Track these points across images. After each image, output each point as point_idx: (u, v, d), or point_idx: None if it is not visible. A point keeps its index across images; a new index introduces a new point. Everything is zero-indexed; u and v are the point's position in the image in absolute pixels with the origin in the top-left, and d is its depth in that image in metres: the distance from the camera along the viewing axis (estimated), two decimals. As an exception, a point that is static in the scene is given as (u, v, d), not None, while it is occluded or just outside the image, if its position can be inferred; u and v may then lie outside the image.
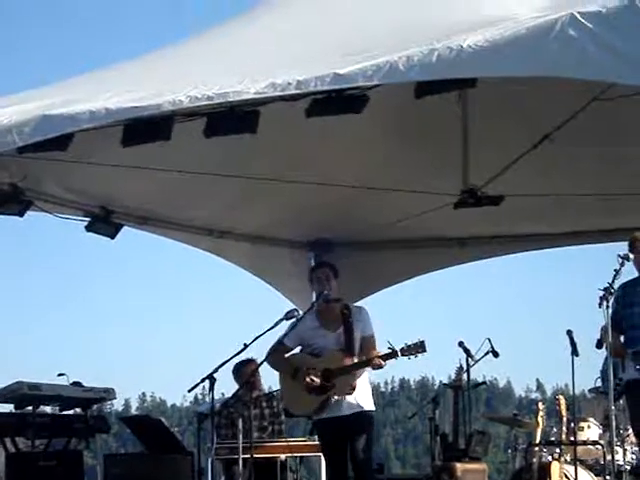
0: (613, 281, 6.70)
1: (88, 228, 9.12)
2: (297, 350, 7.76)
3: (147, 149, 7.01)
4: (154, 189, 8.87)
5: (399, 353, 7.28)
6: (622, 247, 7.17)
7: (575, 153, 8.26)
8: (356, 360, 7.48)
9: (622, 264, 6.74)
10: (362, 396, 7.56)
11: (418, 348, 7.19)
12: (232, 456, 8.28)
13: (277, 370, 7.80)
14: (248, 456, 7.66)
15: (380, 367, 7.50)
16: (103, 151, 7.58)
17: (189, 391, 7.71)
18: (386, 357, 7.36)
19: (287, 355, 7.73)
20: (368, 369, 7.61)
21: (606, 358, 7.04)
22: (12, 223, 8.53)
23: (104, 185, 8.74)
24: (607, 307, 6.67)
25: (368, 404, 7.59)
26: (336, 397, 7.46)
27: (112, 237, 9.23)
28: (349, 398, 7.49)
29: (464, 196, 8.53)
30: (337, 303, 7.71)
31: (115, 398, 8.94)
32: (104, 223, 9.12)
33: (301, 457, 9.29)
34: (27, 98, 7.13)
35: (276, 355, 7.66)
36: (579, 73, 5.61)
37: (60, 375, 8.58)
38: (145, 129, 6.72)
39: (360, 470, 7.39)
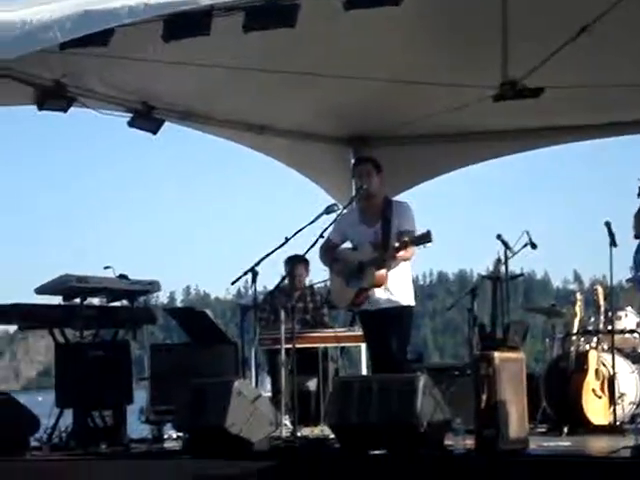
0: (652, 171, 6.68)
1: (130, 124, 9.25)
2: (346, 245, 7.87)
3: (188, 44, 7.05)
4: (194, 85, 8.93)
5: (408, 243, 7.36)
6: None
7: (614, 45, 8.18)
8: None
9: (661, 155, 6.72)
10: (400, 290, 7.63)
11: (426, 237, 7.28)
12: (275, 346, 8.47)
13: (324, 264, 7.94)
14: (290, 346, 7.83)
15: (405, 259, 7.57)
16: (144, 47, 7.63)
17: (232, 284, 7.85)
18: (397, 249, 7.42)
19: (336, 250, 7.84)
20: (407, 263, 7.69)
21: (638, 247, 7.06)
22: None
23: (145, 80, 8.80)
24: (646, 197, 6.68)
25: (406, 299, 7.67)
26: (368, 289, 7.56)
27: (154, 132, 9.37)
28: (388, 292, 7.58)
29: (504, 89, 8.50)
30: (379, 198, 7.75)
31: (160, 290, 9.04)
32: (146, 119, 9.24)
33: (342, 347, 9.48)
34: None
35: (322, 250, 7.80)
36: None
37: (106, 268, 8.69)
38: (185, 24, 6.77)
39: (394, 363, 7.52)
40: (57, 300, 8.61)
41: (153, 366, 8.94)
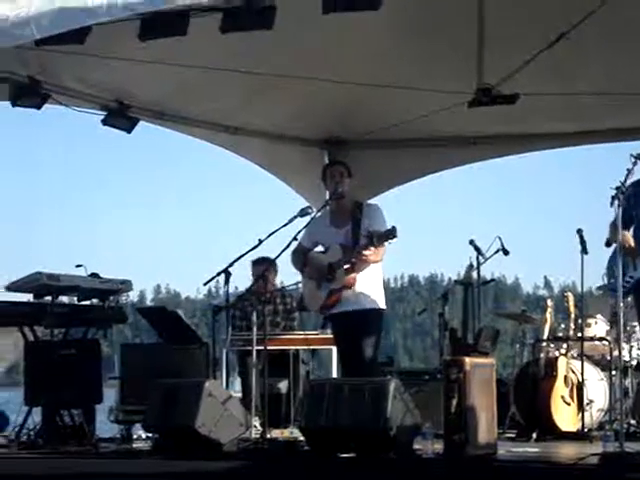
0: (625, 180, 6.67)
1: (105, 122, 9.20)
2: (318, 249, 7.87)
3: (164, 44, 7.04)
4: (170, 84, 8.91)
5: (375, 241, 7.32)
6: (636, 146, 7.19)
7: (590, 52, 8.25)
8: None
9: (635, 163, 6.72)
10: (371, 293, 7.65)
11: (390, 233, 7.26)
12: (246, 347, 8.46)
13: (295, 269, 7.95)
14: (262, 348, 7.82)
15: (375, 261, 7.58)
16: (120, 45, 7.61)
17: (205, 284, 7.88)
18: (364, 247, 7.42)
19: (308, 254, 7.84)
20: (379, 266, 7.70)
21: (612, 255, 7.09)
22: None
23: (121, 79, 8.77)
24: (618, 206, 6.69)
25: (377, 302, 7.68)
26: (338, 291, 7.55)
27: (128, 131, 9.32)
28: (359, 295, 7.60)
29: (478, 94, 8.52)
30: (349, 201, 7.77)
31: (132, 290, 9.00)
32: (120, 117, 9.20)
33: (313, 350, 9.48)
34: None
35: (293, 255, 7.82)
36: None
37: (78, 266, 8.65)
38: (161, 24, 6.76)
39: (365, 366, 7.53)
40: (27, 298, 8.57)
41: (123, 365, 8.93)
